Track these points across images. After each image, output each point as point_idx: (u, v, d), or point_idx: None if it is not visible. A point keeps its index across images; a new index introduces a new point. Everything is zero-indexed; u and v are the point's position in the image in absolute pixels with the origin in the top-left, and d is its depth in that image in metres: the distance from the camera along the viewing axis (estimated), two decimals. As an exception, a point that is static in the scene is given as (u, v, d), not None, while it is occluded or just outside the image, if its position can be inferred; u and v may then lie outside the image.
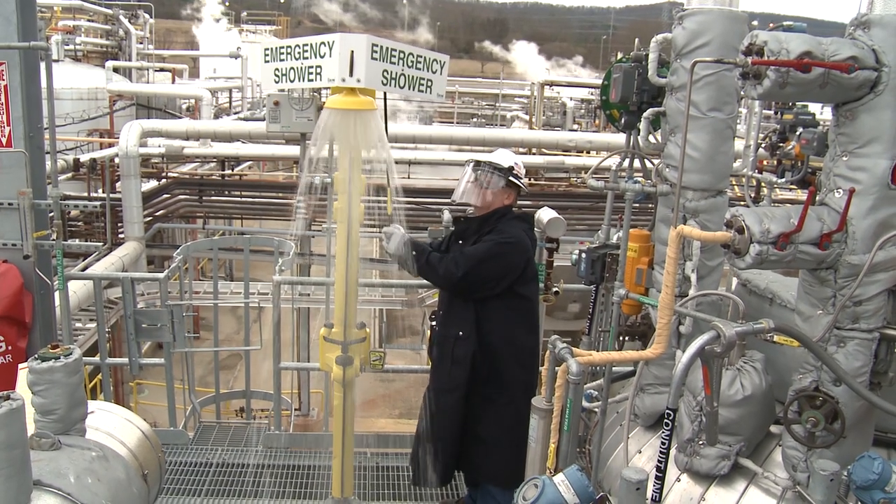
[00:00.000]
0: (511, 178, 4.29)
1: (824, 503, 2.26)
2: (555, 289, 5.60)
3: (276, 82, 4.52)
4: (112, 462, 2.96)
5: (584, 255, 4.00)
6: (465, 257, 4.18)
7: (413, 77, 4.36)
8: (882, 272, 2.82)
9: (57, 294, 5.90)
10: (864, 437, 3.06)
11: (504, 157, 4.44)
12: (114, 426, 3.50)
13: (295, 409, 10.68)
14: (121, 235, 13.29)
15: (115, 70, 22.02)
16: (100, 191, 13.98)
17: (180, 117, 22.45)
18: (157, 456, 3.61)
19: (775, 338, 2.92)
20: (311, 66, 4.32)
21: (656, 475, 2.53)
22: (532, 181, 15.95)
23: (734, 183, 11.61)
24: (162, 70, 27.04)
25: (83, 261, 12.05)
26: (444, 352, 4.38)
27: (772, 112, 6.46)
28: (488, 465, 4.35)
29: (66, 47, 21.22)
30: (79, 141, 18.00)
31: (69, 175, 14.74)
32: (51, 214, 5.66)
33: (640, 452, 3.66)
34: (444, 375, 4.42)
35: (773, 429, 3.36)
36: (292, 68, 4.39)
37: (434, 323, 4.53)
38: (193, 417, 7.27)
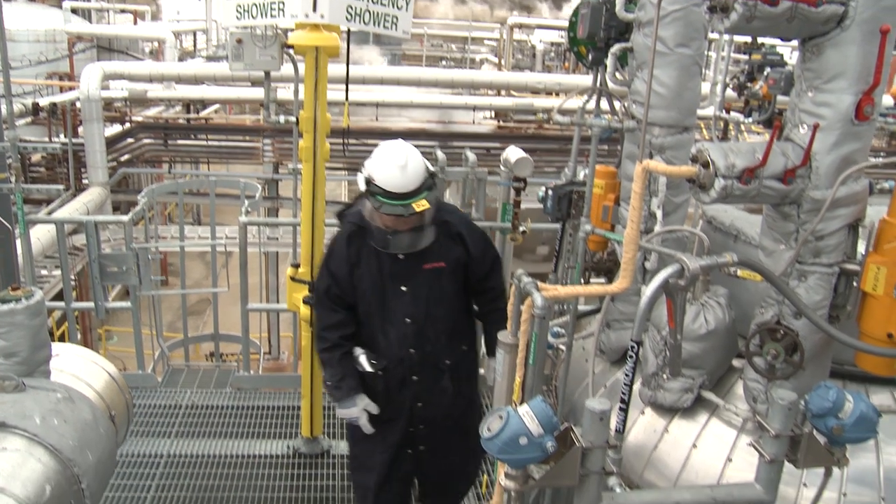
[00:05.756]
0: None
1: (781, 430, 2.32)
2: (522, 228, 5.61)
3: (238, 19, 4.41)
4: (78, 403, 2.94)
5: (550, 193, 4.00)
6: (501, 269, 3.91)
7: (378, 13, 4.28)
8: (843, 207, 2.85)
9: (19, 241, 5.82)
10: (822, 369, 3.13)
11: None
12: (79, 368, 3.48)
13: (265, 353, 10.70)
14: (84, 181, 13.06)
15: (74, 11, 21.38)
16: (61, 136, 13.66)
17: (143, 60, 21.91)
18: (124, 397, 3.60)
19: (739, 273, 2.96)
20: (274, 2, 4.22)
21: (620, 407, 2.57)
22: (501, 123, 15.89)
23: (702, 125, 11.65)
24: (123, 12, 26.26)
25: (46, 207, 11.85)
26: (452, 376, 3.78)
27: (743, 56, 6.45)
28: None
29: (19, -14, 20.52)
30: (37, 84, 17.51)
31: (28, 120, 14.39)
32: (8, 159, 5.54)
33: (606, 387, 3.72)
34: (461, 405, 3.88)
35: (736, 362, 3.42)
36: (254, 4, 4.29)
37: (413, 351, 3.68)
38: (162, 361, 7.26)
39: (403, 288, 3.65)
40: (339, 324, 3.72)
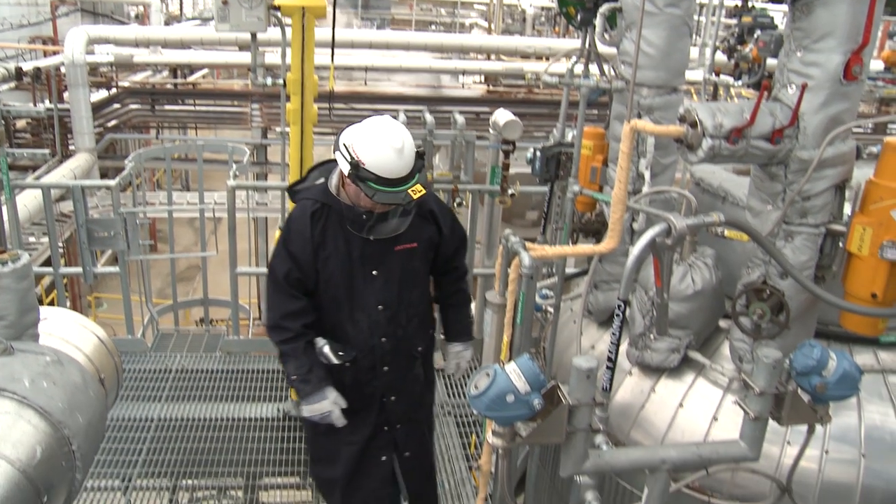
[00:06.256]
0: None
1: (766, 388, 2.34)
2: (511, 191, 5.60)
3: (223, -22, 4.36)
4: (67, 366, 2.94)
5: (538, 154, 3.99)
6: (466, 249, 3.74)
7: (365, -27, 4.24)
8: (830, 168, 2.86)
9: (5, 206, 5.78)
10: (807, 328, 3.16)
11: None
12: (68, 331, 3.47)
13: (255, 318, 10.71)
14: (71, 148, 12.94)
15: (56, -28, 21.00)
16: (46, 101, 13.50)
17: (128, 24, 21.62)
18: (113, 361, 3.60)
19: (726, 233, 2.97)
20: (259, -38, 4.17)
21: (607, 366, 2.59)
22: (490, 88, 15.81)
23: (692, 90, 11.60)
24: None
25: (33, 174, 11.74)
26: (417, 364, 3.69)
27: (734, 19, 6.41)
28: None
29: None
30: (20, 48, 17.26)
31: (12, 85, 14.18)
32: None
33: (594, 348, 3.74)
34: (429, 393, 3.87)
35: (722, 323, 3.45)
36: (239, -36, 4.24)
37: (384, 339, 3.50)
38: (152, 326, 7.26)
39: (374, 272, 3.39)
40: (301, 311, 3.42)
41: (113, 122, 13.99)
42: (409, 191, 3.09)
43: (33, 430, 2.54)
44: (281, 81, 4.56)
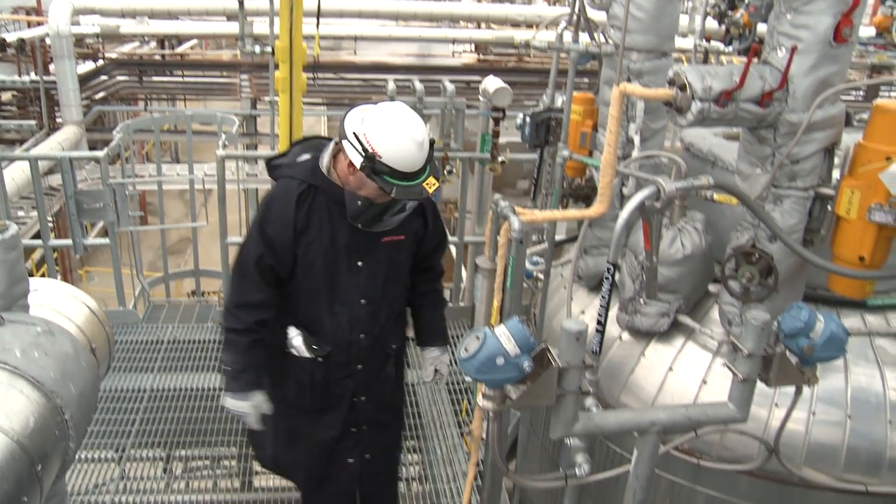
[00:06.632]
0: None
1: (754, 350, 2.36)
2: (501, 158, 5.59)
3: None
4: (58, 336, 2.93)
5: (528, 119, 3.97)
6: (445, 248, 3.52)
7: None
8: (819, 131, 2.86)
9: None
10: (796, 292, 3.18)
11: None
12: (59, 302, 3.46)
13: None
14: (58, 120, 12.84)
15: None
16: (32, 73, 13.36)
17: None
18: (104, 331, 3.60)
19: (715, 197, 2.97)
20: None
21: (597, 329, 2.61)
22: (481, 57, 15.74)
23: (683, 58, 11.54)
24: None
25: (20, 147, 11.66)
26: (389, 363, 3.50)
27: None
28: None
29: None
30: (2, 19, 17.05)
31: (-4, 56, 14.07)
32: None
33: (584, 313, 3.76)
34: (399, 393, 3.70)
35: (712, 288, 3.47)
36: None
37: (363, 336, 3.29)
38: (143, 298, 7.26)
39: (360, 263, 3.14)
40: (260, 305, 3.15)
41: (100, 95, 13.89)
42: (424, 184, 2.85)
43: (26, 399, 2.54)
44: (269, 49, 4.52)
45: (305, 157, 3.12)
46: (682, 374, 3.30)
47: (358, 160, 2.80)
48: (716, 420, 2.54)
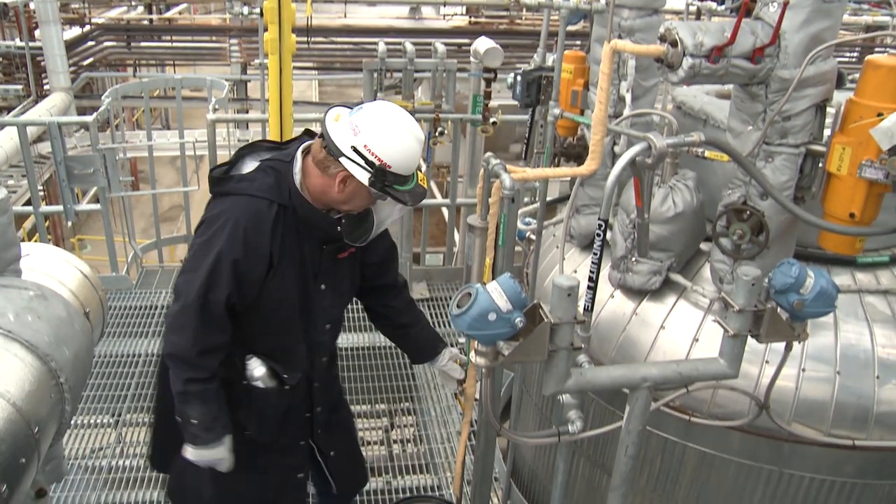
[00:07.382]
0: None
1: (745, 305, 2.37)
2: (493, 120, 5.57)
3: None
4: (51, 300, 2.94)
5: (519, 78, 3.95)
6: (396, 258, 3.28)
7: None
8: (811, 87, 2.84)
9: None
10: (787, 249, 3.19)
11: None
12: (51, 267, 3.46)
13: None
14: (46, 87, 12.72)
15: None
16: (17, 39, 13.20)
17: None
18: (98, 295, 3.60)
19: (706, 154, 2.97)
20: None
21: (588, 286, 2.62)
22: (472, 20, 15.62)
23: (676, 18, 11.47)
24: None
25: (7, 115, 11.56)
26: (335, 366, 3.42)
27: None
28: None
29: None
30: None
31: (-22, 21, 13.89)
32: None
33: (576, 272, 3.77)
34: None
35: (703, 246, 3.47)
36: None
37: (325, 359, 3.19)
38: (136, 264, 7.25)
39: (323, 286, 2.90)
40: (222, 346, 2.81)
41: (88, 61, 13.75)
42: (421, 181, 2.68)
43: (20, 363, 2.55)
44: (258, 10, 4.47)
45: (253, 165, 2.79)
46: (674, 333, 3.32)
47: (364, 175, 2.53)
48: (707, 376, 2.56)
